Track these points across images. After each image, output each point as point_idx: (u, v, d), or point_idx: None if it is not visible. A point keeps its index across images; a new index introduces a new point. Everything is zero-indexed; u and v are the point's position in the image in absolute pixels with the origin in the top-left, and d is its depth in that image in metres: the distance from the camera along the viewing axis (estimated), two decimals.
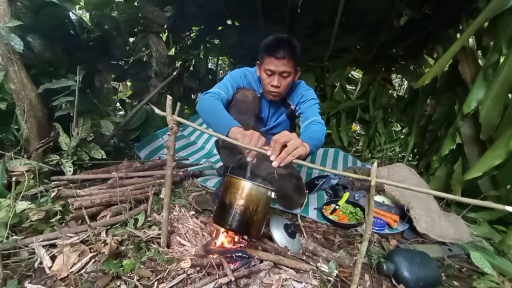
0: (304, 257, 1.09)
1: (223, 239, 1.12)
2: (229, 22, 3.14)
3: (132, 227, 1.16)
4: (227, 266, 0.95)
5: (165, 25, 2.40)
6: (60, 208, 1.20)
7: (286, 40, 1.31)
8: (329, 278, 1.01)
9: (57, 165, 1.52)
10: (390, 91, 3.22)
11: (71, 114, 1.61)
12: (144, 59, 2.39)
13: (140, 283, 0.90)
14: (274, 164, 0.92)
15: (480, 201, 0.67)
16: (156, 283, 0.91)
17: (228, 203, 1.03)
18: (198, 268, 0.98)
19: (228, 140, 0.96)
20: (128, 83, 3.15)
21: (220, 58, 3.66)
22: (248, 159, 1.05)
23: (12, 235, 1.03)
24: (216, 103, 1.25)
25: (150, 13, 2.20)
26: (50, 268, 0.91)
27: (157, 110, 0.96)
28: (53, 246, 1.02)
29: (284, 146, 0.94)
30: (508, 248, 1.32)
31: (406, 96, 3.20)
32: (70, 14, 1.77)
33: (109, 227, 1.16)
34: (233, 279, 0.90)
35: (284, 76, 1.33)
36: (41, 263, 0.94)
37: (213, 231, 1.21)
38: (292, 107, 1.52)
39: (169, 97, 0.91)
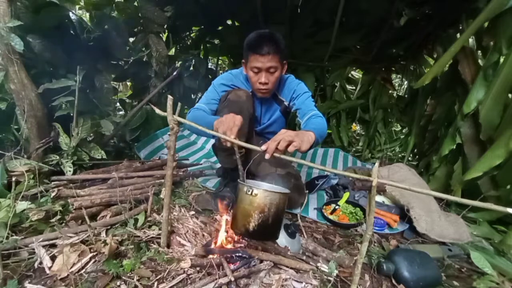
0: (304, 257, 1.09)
1: (223, 239, 1.12)
2: (229, 22, 3.14)
3: (132, 227, 1.16)
4: (227, 266, 0.95)
5: (165, 25, 2.39)
6: (60, 208, 1.20)
7: (268, 35, 1.30)
8: (329, 278, 1.01)
9: (57, 165, 1.52)
10: (390, 91, 3.22)
11: (71, 114, 1.61)
12: (144, 59, 2.39)
13: (140, 283, 0.90)
14: (267, 156, 0.91)
15: (480, 203, 0.66)
16: (156, 283, 0.91)
17: (241, 212, 1.01)
18: (198, 268, 0.98)
19: (216, 135, 0.96)
20: (128, 83, 3.15)
21: (220, 58, 3.66)
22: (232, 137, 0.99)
23: (12, 235, 1.03)
24: (198, 113, 1.32)
25: (150, 13, 2.19)
26: (50, 268, 0.91)
27: (157, 110, 0.96)
28: (53, 246, 1.02)
29: None
30: (508, 248, 1.32)
31: (406, 96, 3.21)
32: (70, 14, 1.77)
33: (109, 227, 1.16)
34: (233, 279, 0.90)
35: (271, 71, 1.33)
36: (41, 263, 0.94)
37: (213, 231, 1.21)
38: (286, 103, 1.51)
39: (170, 97, 0.91)
